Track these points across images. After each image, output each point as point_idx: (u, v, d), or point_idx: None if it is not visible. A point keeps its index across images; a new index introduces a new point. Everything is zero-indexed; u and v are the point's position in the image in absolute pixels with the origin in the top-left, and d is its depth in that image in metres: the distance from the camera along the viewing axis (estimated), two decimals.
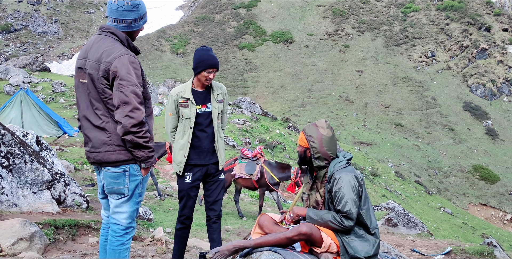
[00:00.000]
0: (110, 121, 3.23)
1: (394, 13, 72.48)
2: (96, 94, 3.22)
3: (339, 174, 3.55)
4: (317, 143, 3.67)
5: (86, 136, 3.35)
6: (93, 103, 3.25)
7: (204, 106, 4.27)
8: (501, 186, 42.51)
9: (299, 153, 3.80)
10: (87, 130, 3.32)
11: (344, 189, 3.48)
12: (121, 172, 3.27)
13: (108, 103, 3.21)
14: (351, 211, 3.45)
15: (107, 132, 3.23)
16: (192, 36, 72.69)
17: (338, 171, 3.58)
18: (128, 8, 3.23)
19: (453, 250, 7.51)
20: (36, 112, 17.70)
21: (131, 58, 3.18)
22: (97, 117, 3.25)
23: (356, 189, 3.52)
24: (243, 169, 9.13)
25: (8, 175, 5.20)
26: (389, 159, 42.52)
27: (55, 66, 62.31)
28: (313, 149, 3.68)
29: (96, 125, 3.25)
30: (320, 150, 3.66)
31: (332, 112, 54.00)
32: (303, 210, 3.72)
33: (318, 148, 3.66)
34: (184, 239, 4.39)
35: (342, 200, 3.46)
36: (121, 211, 3.34)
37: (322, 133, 3.69)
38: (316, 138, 3.68)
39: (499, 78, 58.64)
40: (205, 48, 4.26)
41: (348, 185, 3.49)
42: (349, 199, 3.46)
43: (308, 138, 3.71)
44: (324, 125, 3.74)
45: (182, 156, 4.25)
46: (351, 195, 3.47)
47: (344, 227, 3.49)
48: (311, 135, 3.70)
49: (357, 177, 3.57)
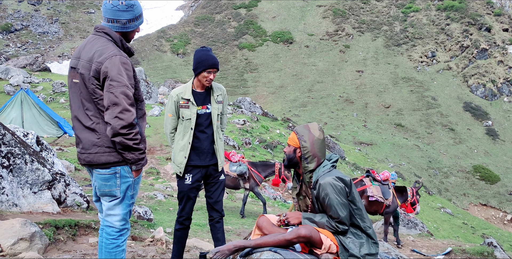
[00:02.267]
0: (101, 122, 3.19)
1: (394, 13, 72.49)
2: (87, 94, 3.19)
3: (323, 179, 3.50)
4: (309, 143, 3.61)
5: (77, 137, 3.31)
6: (84, 104, 3.22)
7: (204, 107, 4.26)
8: (501, 186, 42.48)
9: (287, 154, 3.71)
10: (78, 130, 3.29)
11: (331, 195, 3.44)
12: (111, 174, 3.23)
13: (98, 104, 3.16)
14: (342, 216, 3.46)
15: (97, 133, 3.19)
16: (193, 36, 72.71)
17: (322, 177, 3.52)
18: (122, 8, 3.20)
19: (453, 250, 7.50)
20: (37, 112, 17.71)
21: (123, 59, 3.13)
22: (87, 117, 3.21)
23: (343, 191, 3.49)
24: (379, 192, 8.94)
25: (9, 175, 5.20)
26: (389, 159, 42.50)
27: (55, 66, 62.32)
28: (303, 149, 3.62)
29: (87, 126, 3.22)
30: (311, 150, 3.60)
31: (333, 112, 53.99)
32: (298, 217, 3.69)
33: (309, 147, 3.60)
34: (183, 240, 4.40)
35: (332, 207, 3.45)
36: (114, 213, 3.31)
37: (314, 134, 3.64)
38: (308, 138, 3.62)
39: (499, 78, 58.63)
40: (204, 49, 4.25)
41: (334, 189, 3.45)
42: (339, 203, 3.45)
43: (300, 138, 3.64)
44: (316, 127, 3.69)
45: (183, 157, 4.25)
46: (340, 199, 3.45)
47: (339, 230, 3.52)
48: (303, 135, 3.64)
49: (343, 178, 3.53)
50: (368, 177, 8.63)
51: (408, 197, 8.70)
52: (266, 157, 18.58)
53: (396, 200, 8.55)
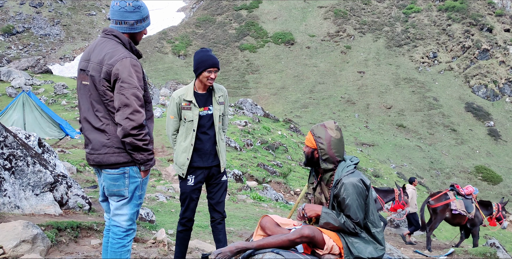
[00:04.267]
0: (110, 123, 3.23)
1: (395, 14, 72.46)
2: (97, 96, 3.23)
3: (347, 179, 3.50)
4: (326, 145, 3.60)
5: (87, 138, 3.36)
6: (94, 105, 3.26)
7: (206, 109, 4.27)
8: (503, 186, 42.41)
9: (306, 154, 3.72)
10: (87, 132, 3.33)
11: (352, 195, 3.45)
12: (120, 174, 3.27)
13: (108, 105, 3.21)
14: (361, 217, 3.49)
15: (107, 134, 3.24)
16: (194, 38, 72.77)
17: (345, 177, 3.52)
18: (130, 9, 3.25)
19: (455, 251, 7.49)
20: (38, 114, 17.73)
21: (133, 61, 3.19)
22: (97, 119, 3.26)
23: (363, 194, 3.52)
24: (462, 205, 9.24)
25: (11, 177, 5.21)
26: (391, 160, 42.47)
27: (57, 68, 62.47)
28: (321, 151, 3.61)
29: (96, 127, 3.26)
30: (328, 152, 3.59)
31: (334, 113, 53.97)
32: (315, 210, 3.64)
33: (326, 149, 3.59)
34: (185, 241, 4.40)
35: (351, 207, 3.47)
36: (121, 213, 3.35)
37: (331, 135, 3.61)
38: (325, 139, 3.60)
39: (501, 79, 58.56)
40: (204, 50, 4.28)
41: (356, 190, 3.47)
42: (358, 205, 3.47)
43: (317, 139, 3.62)
44: (333, 126, 3.66)
45: (185, 159, 4.25)
46: (360, 200, 3.48)
47: (355, 232, 3.54)
48: (320, 136, 3.62)
49: (364, 181, 3.55)
50: (452, 191, 9.24)
51: (493, 212, 9.32)
52: (267, 158, 18.58)
53: (481, 214, 9.08)
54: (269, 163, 17.70)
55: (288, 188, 15.95)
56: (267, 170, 16.58)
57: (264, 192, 13.43)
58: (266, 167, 16.77)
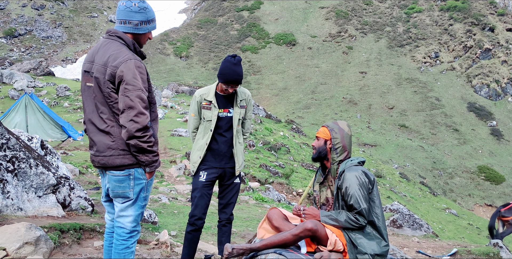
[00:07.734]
0: (115, 125, 3.24)
1: (397, 14, 72.39)
2: (101, 98, 3.24)
3: (349, 170, 3.64)
4: (339, 135, 3.81)
5: (91, 140, 3.37)
6: (98, 107, 3.27)
7: (226, 111, 4.24)
8: (506, 186, 42.32)
9: (317, 147, 3.85)
10: (92, 134, 3.34)
11: (353, 185, 3.56)
12: (125, 176, 3.28)
13: (113, 107, 3.22)
14: (363, 207, 3.54)
15: (111, 136, 3.24)
16: (196, 39, 72.83)
17: (349, 168, 3.66)
18: (135, 9, 3.26)
19: (458, 251, 7.47)
20: (41, 116, 17.78)
21: (138, 63, 3.19)
22: (102, 121, 3.26)
23: (365, 186, 3.58)
24: None
25: (14, 179, 5.22)
26: (393, 160, 42.40)
27: (59, 70, 62.58)
28: (334, 140, 3.80)
29: (101, 129, 3.27)
30: (342, 142, 3.79)
31: (336, 114, 53.93)
32: (314, 216, 3.72)
33: (339, 139, 3.80)
34: (194, 244, 4.25)
35: (353, 196, 3.55)
36: (126, 214, 3.36)
37: (344, 129, 3.84)
38: (339, 131, 3.82)
39: (503, 78, 58.44)
40: (231, 60, 4.08)
41: (358, 181, 3.57)
42: (360, 195, 3.54)
43: (331, 131, 3.84)
44: (345, 124, 3.90)
45: (198, 157, 4.24)
46: (362, 191, 3.55)
47: (359, 225, 3.56)
48: (333, 129, 3.84)
49: (367, 174, 3.64)
50: None
51: None
52: (269, 159, 18.58)
53: None
54: (271, 164, 17.70)
55: (290, 189, 15.94)
56: (270, 171, 16.57)
57: (266, 193, 13.42)
58: (269, 168, 16.77)
